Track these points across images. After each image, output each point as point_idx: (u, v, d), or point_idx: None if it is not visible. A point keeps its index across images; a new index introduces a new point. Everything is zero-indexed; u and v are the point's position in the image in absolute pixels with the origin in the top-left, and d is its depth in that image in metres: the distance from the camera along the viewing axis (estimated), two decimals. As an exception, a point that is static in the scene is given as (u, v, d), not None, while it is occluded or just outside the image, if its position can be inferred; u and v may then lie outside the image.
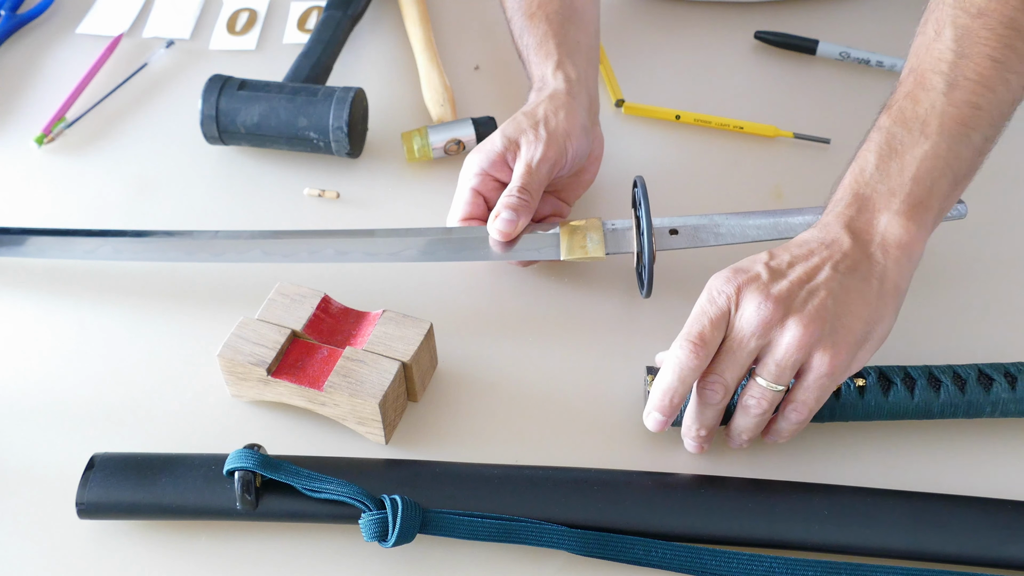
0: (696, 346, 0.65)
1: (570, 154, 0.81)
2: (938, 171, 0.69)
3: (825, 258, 0.67)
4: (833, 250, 0.67)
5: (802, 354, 0.64)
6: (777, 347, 0.64)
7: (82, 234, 0.84)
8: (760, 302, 0.64)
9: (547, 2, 0.90)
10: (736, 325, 0.65)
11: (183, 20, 1.11)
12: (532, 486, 0.69)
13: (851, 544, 0.67)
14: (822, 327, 0.64)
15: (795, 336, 0.64)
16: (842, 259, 0.66)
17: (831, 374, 0.65)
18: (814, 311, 0.64)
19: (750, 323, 0.64)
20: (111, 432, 0.75)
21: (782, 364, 0.65)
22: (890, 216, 0.68)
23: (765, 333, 0.64)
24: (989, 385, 0.72)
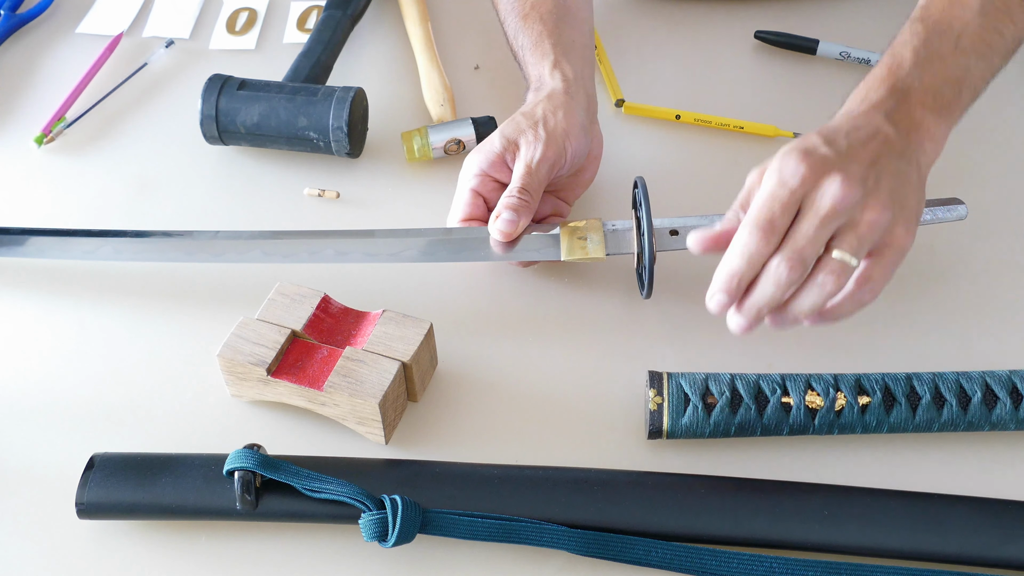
0: (766, 232, 0.65)
1: (569, 153, 0.82)
2: (965, 83, 0.74)
3: (879, 144, 0.68)
4: (879, 136, 0.69)
5: (881, 232, 0.66)
6: (860, 224, 0.65)
7: (82, 234, 0.84)
8: (842, 181, 0.64)
9: (540, 2, 0.90)
10: (818, 203, 0.65)
11: (183, 20, 1.11)
12: (532, 486, 0.69)
13: (851, 544, 0.67)
14: (895, 206, 0.66)
15: (877, 214, 0.65)
16: (891, 146, 0.69)
17: (904, 249, 0.68)
18: (888, 191, 0.66)
19: (834, 201, 0.64)
20: (111, 432, 0.75)
21: (864, 239, 0.65)
22: (924, 112, 0.72)
23: (848, 211, 0.65)
24: (993, 404, 0.72)
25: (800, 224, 0.65)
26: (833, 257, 0.65)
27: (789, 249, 0.65)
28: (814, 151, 0.66)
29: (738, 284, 0.67)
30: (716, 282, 0.68)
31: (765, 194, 0.66)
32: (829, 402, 0.72)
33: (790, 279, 0.65)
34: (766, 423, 0.72)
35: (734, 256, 0.66)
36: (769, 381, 0.73)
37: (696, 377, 0.73)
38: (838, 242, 0.66)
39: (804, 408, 0.72)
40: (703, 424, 0.72)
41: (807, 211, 0.65)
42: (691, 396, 0.72)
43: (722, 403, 0.72)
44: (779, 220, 0.65)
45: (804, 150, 0.66)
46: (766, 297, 0.66)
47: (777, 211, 0.65)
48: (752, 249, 0.65)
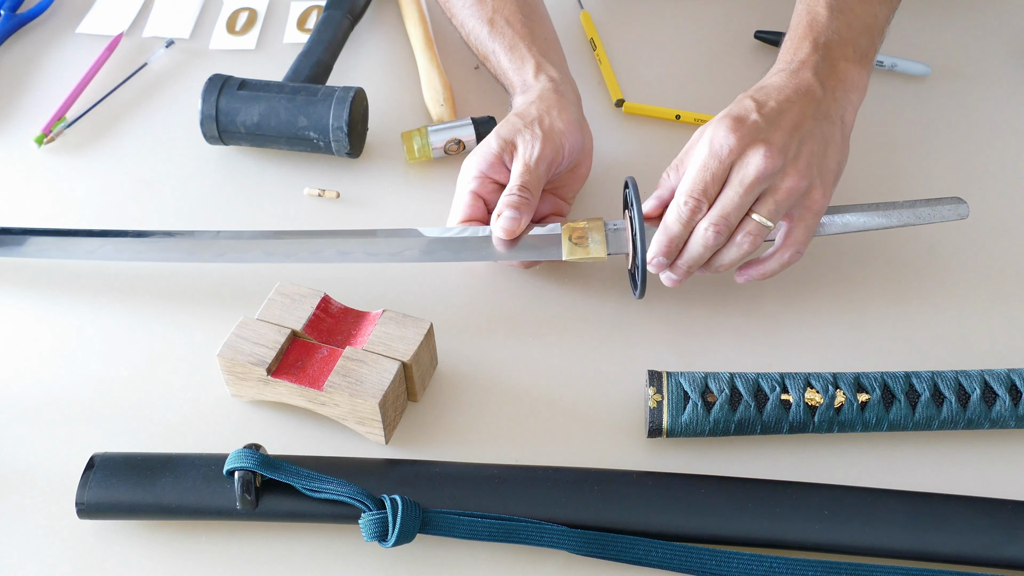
0: (699, 201, 0.73)
1: (567, 150, 0.82)
2: (875, 29, 0.82)
3: (804, 106, 0.75)
4: (809, 97, 0.75)
5: (798, 196, 0.73)
6: (778, 191, 0.73)
7: (82, 234, 0.84)
8: (765, 152, 0.71)
9: (502, 5, 0.90)
10: (743, 172, 0.72)
11: (183, 20, 1.11)
12: (532, 486, 0.69)
13: (851, 544, 0.67)
14: (813, 172, 0.73)
15: (794, 181, 0.72)
16: (817, 106, 0.75)
17: (820, 211, 0.75)
18: (807, 158, 0.73)
19: (757, 171, 0.71)
20: (111, 432, 0.75)
21: (781, 204, 0.73)
22: (846, 64, 0.78)
23: (769, 179, 0.72)
24: (992, 401, 0.72)
25: (726, 191, 0.73)
26: (752, 219, 0.73)
27: (716, 215, 0.73)
28: (744, 119, 0.73)
29: (676, 247, 0.75)
30: (657, 246, 0.75)
31: (698, 164, 0.73)
32: (828, 399, 0.72)
33: (717, 242, 0.74)
34: (766, 420, 0.72)
35: (673, 222, 0.74)
36: (768, 379, 0.73)
37: (695, 375, 0.73)
38: (758, 206, 0.73)
39: (804, 405, 0.72)
40: (703, 421, 0.72)
41: (733, 179, 0.73)
42: (691, 394, 0.72)
43: (722, 400, 0.72)
44: (711, 189, 0.73)
45: (735, 118, 0.73)
46: (694, 257, 0.75)
47: (709, 180, 0.73)
48: (687, 216, 0.73)
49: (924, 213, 0.79)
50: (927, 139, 0.96)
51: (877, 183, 0.92)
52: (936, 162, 0.94)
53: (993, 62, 1.03)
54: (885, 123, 0.98)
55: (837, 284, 0.84)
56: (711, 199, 0.73)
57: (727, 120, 0.73)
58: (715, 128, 0.73)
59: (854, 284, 0.84)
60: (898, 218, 0.80)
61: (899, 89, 1.01)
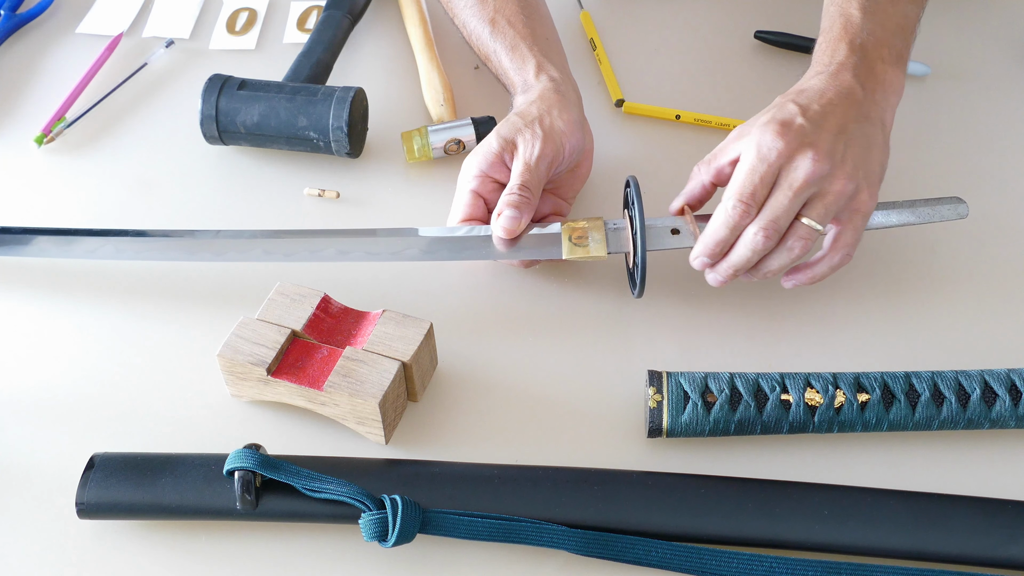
0: (748, 205, 0.73)
1: (567, 149, 0.82)
2: (907, 29, 0.82)
3: (847, 108, 0.75)
4: (851, 100, 0.75)
5: (847, 200, 0.73)
6: (828, 194, 0.73)
7: (83, 234, 0.84)
8: (813, 156, 0.71)
9: (503, 5, 0.90)
10: (792, 176, 0.72)
11: (183, 20, 1.11)
12: (532, 486, 0.69)
13: (851, 544, 0.67)
14: (859, 174, 0.73)
15: (842, 184, 0.72)
16: (859, 108, 0.75)
17: (868, 213, 0.75)
18: (853, 161, 0.73)
19: (806, 175, 0.71)
20: (111, 432, 0.75)
21: (830, 208, 0.73)
22: (883, 65, 0.78)
23: (818, 183, 0.72)
24: (992, 401, 0.72)
25: (775, 196, 0.72)
26: (803, 223, 0.73)
27: (765, 219, 0.73)
28: (791, 123, 0.73)
29: (721, 250, 0.75)
30: (702, 247, 0.75)
31: (746, 168, 0.73)
32: (828, 399, 0.72)
33: (766, 247, 0.73)
34: (766, 420, 0.72)
35: (720, 225, 0.74)
36: (768, 379, 0.73)
37: (695, 375, 0.73)
38: (807, 210, 0.73)
39: (804, 405, 0.72)
40: (703, 421, 0.72)
41: (782, 183, 0.72)
42: (691, 394, 0.72)
43: (722, 400, 0.72)
44: (759, 193, 0.73)
45: (782, 123, 0.73)
46: (742, 260, 0.75)
47: (758, 184, 0.72)
48: (735, 220, 0.73)
49: (924, 213, 0.79)
50: (927, 139, 0.96)
51: (877, 183, 0.92)
52: (936, 162, 0.94)
53: (993, 62, 1.03)
54: (885, 123, 0.98)
55: (837, 284, 0.84)
56: (759, 203, 0.73)
57: (773, 124, 0.73)
58: (761, 132, 0.73)
59: (854, 284, 0.84)
60: (898, 218, 0.80)
61: (899, 89, 1.01)
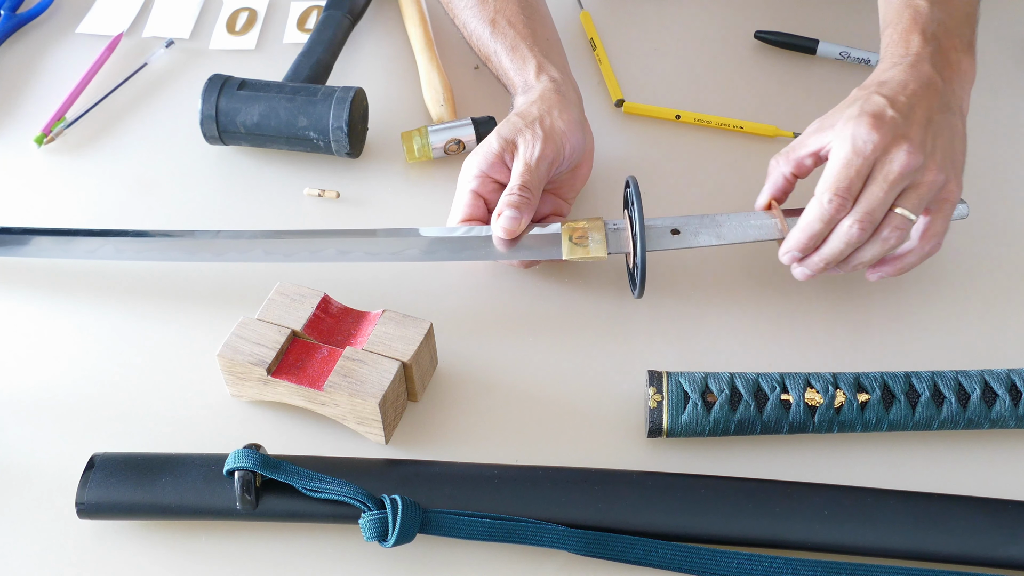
0: (844, 199, 0.73)
1: (567, 150, 0.82)
2: (973, 18, 0.82)
3: (931, 99, 0.75)
4: (932, 91, 0.75)
5: (937, 189, 0.74)
6: (921, 185, 0.73)
7: (83, 234, 0.84)
8: (908, 148, 0.72)
9: (504, 5, 0.90)
10: (887, 169, 0.72)
11: (183, 20, 1.11)
12: (532, 486, 0.69)
13: (851, 544, 0.67)
14: (947, 165, 0.74)
15: (934, 175, 0.73)
16: (940, 99, 0.75)
17: (955, 202, 0.76)
18: (941, 152, 0.74)
19: (902, 167, 0.72)
20: (111, 432, 0.75)
21: (923, 198, 0.73)
22: (956, 54, 0.78)
23: (912, 175, 0.72)
24: (992, 401, 0.72)
25: (870, 188, 0.72)
26: (897, 213, 0.73)
27: (861, 212, 0.73)
28: (882, 116, 0.73)
29: (814, 244, 0.75)
30: (795, 241, 0.76)
31: (841, 162, 0.73)
32: (828, 399, 0.72)
33: (860, 239, 0.73)
34: (766, 420, 0.72)
35: (814, 219, 0.74)
36: (768, 379, 0.73)
37: (695, 376, 0.73)
38: (902, 201, 0.73)
39: (803, 405, 0.72)
40: (703, 421, 0.72)
41: (877, 176, 0.72)
42: (691, 394, 0.72)
43: (722, 400, 0.72)
44: (855, 186, 0.73)
45: (874, 115, 0.73)
46: (835, 253, 0.75)
47: (853, 177, 0.72)
48: (831, 214, 0.73)
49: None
50: (927, 139, 0.96)
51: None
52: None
53: (993, 62, 1.03)
54: (885, 123, 0.98)
55: (836, 284, 0.84)
56: (855, 196, 0.73)
57: (866, 117, 0.73)
58: (856, 125, 0.73)
59: (854, 284, 0.84)
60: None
61: (899, 89, 1.01)
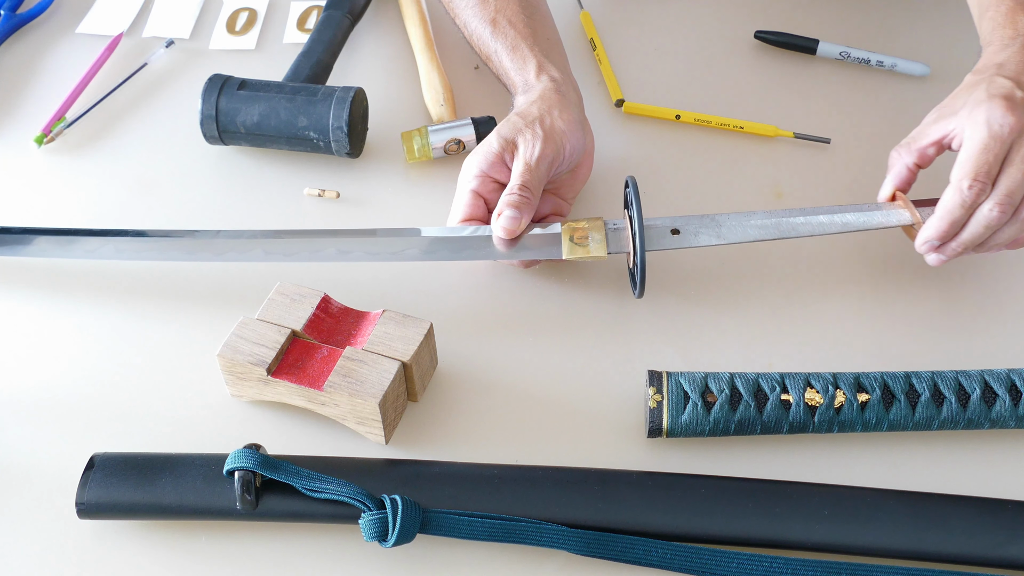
0: (984, 184, 0.73)
1: (567, 150, 0.82)
2: None
3: None
4: None
5: None
6: None
7: (83, 234, 0.84)
8: None
9: (504, 5, 0.90)
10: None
11: (183, 20, 1.11)
12: (532, 486, 0.69)
13: (851, 544, 0.67)
14: None
15: None
16: None
17: None
18: None
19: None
20: (111, 432, 0.75)
21: None
22: None
23: None
24: (992, 401, 0.72)
25: (1009, 170, 0.73)
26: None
27: (1001, 195, 0.73)
28: (1013, 97, 0.74)
29: (954, 230, 0.75)
30: (934, 230, 0.76)
31: (978, 146, 0.74)
32: (828, 399, 0.72)
33: (1000, 221, 0.74)
34: (766, 420, 0.72)
35: (955, 206, 0.74)
36: (768, 379, 0.73)
37: (696, 376, 0.73)
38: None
39: (804, 405, 0.72)
40: (703, 421, 0.72)
41: (1015, 157, 0.73)
42: (691, 394, 0.72)
43: (722, 400, 0.72)
44: (993, 170, 0.73)
45: (1005, 98, 0.74)
46: (975, 237, 0.75)
47: (991, 162, 0.73)
48: (971, 199, 0.73)
49: (924, 212, 0.79)
50: (927, 139, 0.96)
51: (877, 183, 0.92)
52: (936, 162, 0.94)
53: (993, 62, 1.03)
54: (885, 123, 0.98)
55: (837, 284, 0.84)
56: (993, 180, 0.73)
57: (999, 100, 0.74)
58: (988, 109, 0.74)
59: (854, 284, 0.84)
60: (897, 218, 0.80)
61: (899, 89, 1.01)
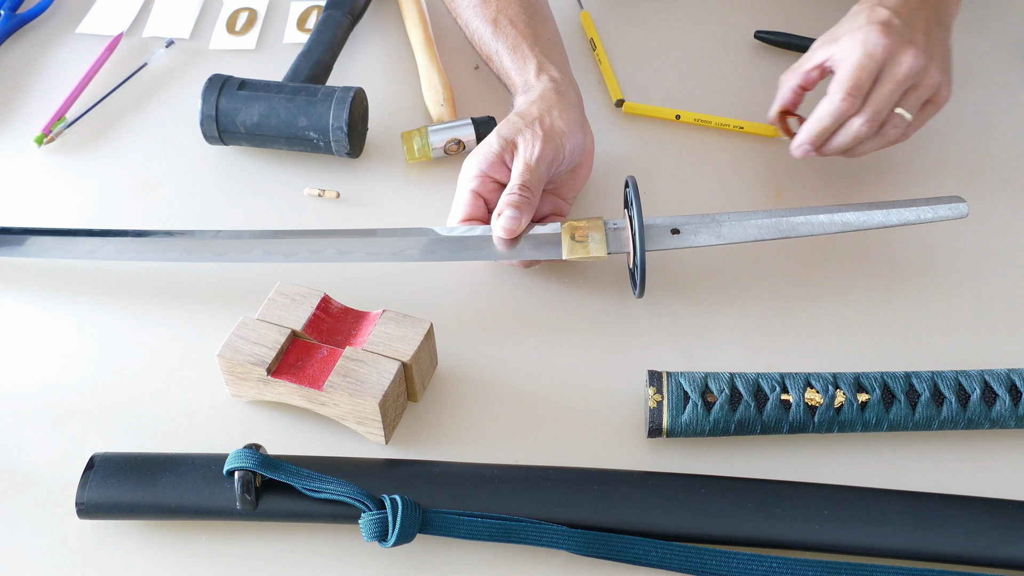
0: (855, 97, 0.80)
1: (567, 149, 0.82)
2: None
3: (928, 12, 0.83)
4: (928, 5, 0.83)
5: (932, 91, 0.81)
6: (921, 86, 0.81)
7: (83, 234, 0.84)
8: (914, 52, 0.79)
9: (506, 6, 0.91)
10: (895, 71, 0.79)
11: (183, 20, 1.11)
12: (532, 486, 0.69)
13: (851, 544, 0.67)
14: (942, 69, 0.82)
15: (933, 78, 0.81)
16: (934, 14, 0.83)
17: (944, 103, 0.84)
18: (939, 57, 0.82)
19: (908, 69, 0.79)
20: (111, 432, 0.75)
21: (920, 98, 0.81)
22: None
23: (916, 76, 0.80)
24: (992, 401, 0.72)
25: (879, 88, 0.80)
26: (896, 112, 0.81)
27: (871, 111, 0.80)
28: (890, 23, 0.80)
29: (824, 138, 0.83)
30: (807, 135, 0.83)
31: (854, 63, 0.80)
32: (828, 399, 0.72)
33: (868, 135, 0.81)
34: (766, 420, 0.72)
35: (826, 116, 0.81)
36: (768, 379, 0.73)
37: (696, 376, 0.73)
38: (902, 101, 0.80)
39: (804, 405, 0.72)
40: (703, 421, 0.72)
41: (885, 77, 0.79)
42: (691, 394, 0.72)
43: (722, 400, 0.72)
44: (864, 85, 0.80)
45: (883, 23, 0.80)
46: (842, 146, 0.83)
47: (864, 78, 0.79)
48: (842, 111, 0.80)
49: (924, 212, 0.79)
50: (927, 139, 0.96)
51: (877, 182, 0.92)
52: (936, 162, 0.94)
53: (993, 62, 1.03)
54: (885, 123, 0.98)
55: (837, 284, 0.84)
56: (864, 95, 0.80)
57: (876, 25, 0.80)
58: (866, 32, 0.80)
59: (854, 284, 0.84)
60: (897, 217, 0.80)
61: (899, 89, 1.01)
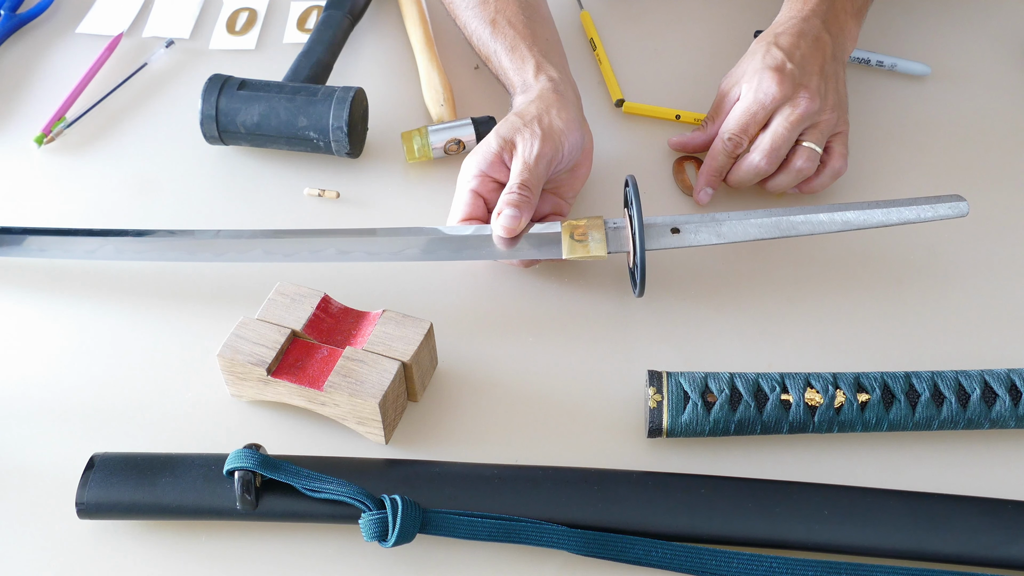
0: (741, 137, 0.87)
1: (566, 148, 0.82)
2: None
3: (823, 51, 0.88)
4: (823, 43, 0.89)
5: (833, 125, 0.87)
6: (820, 124, 0.87)
7: (83, 234, 0.84)
8: (808, 96, 0.85)
9: (504, 6, 0.91)
10: (791, 112, 0.85)
11: (183, 20, 1.11)
12: (532, 486, 0.69)
13: (851, 544, 0.67)
14: (839, 105, 0.88)
15: (829, 115, 0.87)
16: (829, 50, 0.89)
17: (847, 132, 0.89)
18: (834, 95, 0.88)
19: (802, 111, 0.85)
20: (111, 432, 0.75)
21: (824, 133, 0.87)
22: (847, 17, 0.92)
23: (812, 117, 0.86)
24: (992, 401, 0.72)
25: (774, 128, 0.85)
26: (804, 146, 0.86)
27: (768, 147, 0.85)
28: (783, 69, 0.86)
29: (719, 175, 0.89)
30: (704, 179, 0.89)
31: (741, 109, 0.87)
32: (828, 399, 0.72)
33: (768, 169, 0.87)
34: (766, 420, 0.72)
35: (717, 153, 0.88)
36: (768, 379, 0.73)
37: (696, 376, 0.73)
38: (806, 137, 0.86)
39: (804, 405, 0.72)
40: (703, 421, 0.72)
41: (778, 119, 0.85)
42: (691, 394, 0.72)
43: (722, 400, 0.72)
44: (751, 128, 0.87)
45: (775, 69, 0.86)
46: (746, 178, 0.88)
47: (749, 122, 0.86)
48: (730, 149, 0.87)
49: (924, 211, 0.79)
50: (927, 139, 0.96)
51: (877, 182, 0.92)
52: (936, 162, 0.94)
53: (993, 62, 1.03)
54: (885, 123, 0.98)
55: (837, 284, 0.84)
56: (751, 136, 0.86)
57: (769, 72, 0.85)
58: (760, 78, 0.86)
59: (854, 284, 0.84)
60: (898, 216, 0.80)
61: (899, 89, 1.01)
